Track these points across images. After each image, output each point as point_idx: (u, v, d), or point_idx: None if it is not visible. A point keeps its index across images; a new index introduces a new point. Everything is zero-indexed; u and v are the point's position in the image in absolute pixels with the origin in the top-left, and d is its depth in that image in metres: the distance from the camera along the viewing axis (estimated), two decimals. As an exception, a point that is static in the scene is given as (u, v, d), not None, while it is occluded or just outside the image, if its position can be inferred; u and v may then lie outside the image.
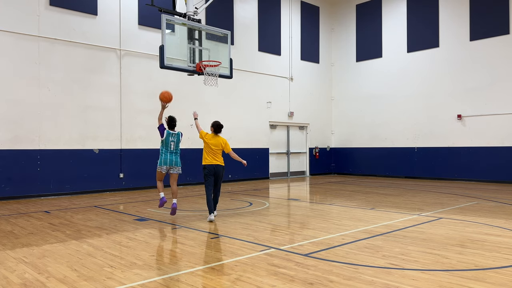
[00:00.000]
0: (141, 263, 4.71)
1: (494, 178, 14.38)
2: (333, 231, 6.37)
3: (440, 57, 15.76)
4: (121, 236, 6.17)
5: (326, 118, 19.26)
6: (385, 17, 17.44)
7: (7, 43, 10.45)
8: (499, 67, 14.32)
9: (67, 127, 11.39)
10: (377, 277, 4.12)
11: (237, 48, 15.27)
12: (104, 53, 12.11)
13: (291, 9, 17.58)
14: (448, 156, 15.50)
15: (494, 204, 9.31)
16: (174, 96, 13.77)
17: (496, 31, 14.37)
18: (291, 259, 4.83)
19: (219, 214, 8.06)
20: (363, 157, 18.22)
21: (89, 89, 11.81)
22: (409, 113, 16.66)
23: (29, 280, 4.14)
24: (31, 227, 6.89)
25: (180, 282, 4.02)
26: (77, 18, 11.60)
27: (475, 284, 3.92)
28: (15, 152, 10.52)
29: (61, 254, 5.14)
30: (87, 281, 4.09)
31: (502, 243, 5.56)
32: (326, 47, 19.24)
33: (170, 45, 9.10)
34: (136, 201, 10.22)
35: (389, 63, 17.34)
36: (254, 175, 16.08)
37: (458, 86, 15.30)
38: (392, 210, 8.53)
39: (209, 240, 5.86)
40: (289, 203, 9.72)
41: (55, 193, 11.13)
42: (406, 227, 6.71)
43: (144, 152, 12.86)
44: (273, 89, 16.84)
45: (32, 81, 10.82)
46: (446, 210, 8.45)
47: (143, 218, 7.66)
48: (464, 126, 15.14)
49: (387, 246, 5.38)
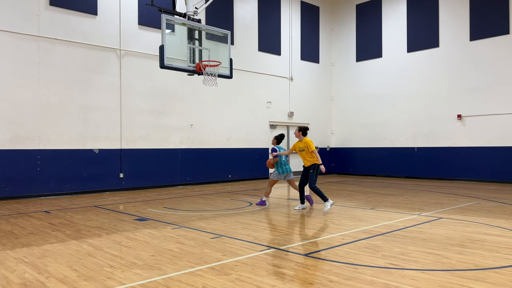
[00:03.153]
0: (141, 263, 4.71)
1: (494, 178, 14.38)
2: (333, 231, 6.37)
3: (440, 57, 15.76)
4: (121, 236, 6.17)
5: (326, 118, 19.26)
6: (385, 17, 17.44)
7: (7, 43, 10.44)
8: (499, 67, 14.32)
9: (67, 127, 11.39)
10: (377, 277, 4.12)
11: (237, 48, 15.27)
12: (104, 53, 12.11)
13: (291, 9, 17.58)
14: (448, 156, 15.50)
15: (494, 204, 9.31)
16: (174, 96, 13.85)
17: (496, 31, 14.37)
18: (291, 259, 4.83)
19: (219, 214, 8.06)
20: (363, 157, 18.22)
21: (89, 89, 11.81)
22: (409, 113, 16.66)
23: (29, 280, 4.14)
24: (31, 227, 6.89)
25: (180, 282, 4.02)
26: (77, 18, 11.60)
27: (475, 284, 3.92)
28: (15, 152, 10.52)
29: (61, 254, 5.14)
30: (87, 281, 4.09)
31: (502, 243, 5.57)
32: (326, 47, 19.25)
33: (170, 45, 9.10)
34: (136, 201, 10.22)
35: (389, 63, 17.34)
36: (254, 175, 16.08)
37: (458, 86, 15.30)
38: (392, 210, 8.54)
39: (209, 240, 5.86)
40: (289, 203, 9.72)
41: (55, 193, 11.13)
42: (406, 227, 6.71)
43: (144, 152, 12.87)
44: (273, 89, 16.84)
45: (32, 81, 10.82)
46: (446, 210, 8.45)
47: (143, 218, 7.66)
48: (464, 126, 15.14)
49: (387, 246, 5.38)
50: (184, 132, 13.94)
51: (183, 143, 13.91)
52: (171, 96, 13.61)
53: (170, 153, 13.49)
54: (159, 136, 13.30)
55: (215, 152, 14.74)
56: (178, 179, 13.70)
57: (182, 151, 13.80)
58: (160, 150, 13.26)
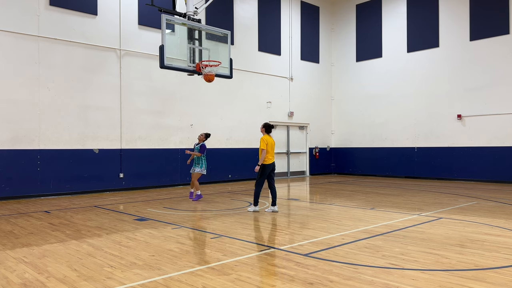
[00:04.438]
0: (141, 263, 4.71)
1: (494, 178, 14.38)
2: (333, 231, 6.37)
3: (440, 57, 15.76)
4: (121, 236, 6.17)
5: (326, 118, 19.26)
6: (385, 17, 17.44)
7: (7, 43, 10.44)
8: (499, 67, 14.32)
9: (67, 127, 11.39)
10: (377, 277, 4.12)
11: (237, 48, 15.27)
12: (104, 53, 12.11)
13: (291, 9, 17.58)
14: (448, 156, 15.50)
15: (494, 204, 9.32)
16: (173, 96, 13.84)
17: (496, 31, 14.37)
18: (291, 259, 4.83)
19: (219, 214, 8.06)
20: (363, 157, 18.22)
21: (89, 89, 11.81)
22: (409, 113, 16.66)
23: (29, 280, 4.14)
24: (31, 227, 6.89)
25: (180, 282, 4.02)
26: (77, 18, 11.60)
27: (475, 284, 3.92)
28: (15, 152, 10.52)
29: (61, 254, 5.14)
30: (87, 281, 4.09)
31: (502, 243, 5.57)
32: (326, 47, 19.25)
33: (170, 45, 9.10)
34: (136, 201, 10.22)
35: (389, 63, 17.34)
36: (254, 175, 16.05)
37: (458, 86, 15.30)
38: (392, 210, 8.54)
39: (209, 240, 5.86)
40: (289, 203, 9.73)
41: (55, 193, 11.13)
42: (406, 227, 6.71)
43: (144, 152, 12.87)
44: (273, 89, 16.84)
45: (32, 81, 10.82)
46: (446, 210, 8.45)
47: (143, 218, 7.66)
48: (464, 126, 15.14)
49: (387, 246, 5.38)
50: (184, 132, 13.94)
51: (183, 143, 13.90)
52: (171, 96, 13.61)
53: (170, 153, 13.49)
54: (159, 136, 13.30)
55: (215, 152, 14.74)
56: (178, 179, 13.70)
57: (182, 151, 13.79)
58: (160, 150, 13.26)
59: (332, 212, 8.23)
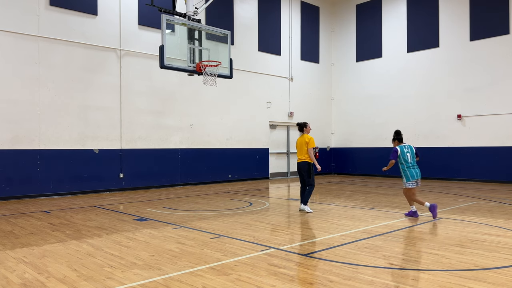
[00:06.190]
0: (141, 263, 4.71)
1: (494, 178, 14.37)
2: (333, 231, 6.37)
3: (440, 57, 15.76)
4: (121, 236, 6.17)
5: (326, 118, 19.26)
6: (385, 17, 17.44)
7: (7, 43, 10.44)
8: (499, 67, 14.32)
9: (67, 127, 11.39)
10: (377, 277, 4.12)
11: (237, 48, 15.27)
12: (104, 53, 12.11)
13: (291, 9, 17.58)
14: (448, 156, 15.49)
15: (493, 204, 9.31)
16: (173, 96, 13.85)
17: (496, 31, 14.37)
18: (291, 259, 4.83)
19: (219, 214, 8.06)
20: (363, 157, 18.21)
21: (89, 89, 11.81)
22: (409, 113, 16.65)
23: (29, 280, 4.14)
24: (31, 227, 6.89)
25: (180, 282, 4.02)
26: (77, 18, 11.60)
27: (475, 284, 3.92)
28: (15, 152, 10.52)
29: (61, 254, 5.14)
30: (87, 281, 4.09)
31: (501, 243, 5.57)
32: (326, 47, 19.24)
33: (170, 45, 9.10)
34: (136, 201, 10.22)
35: (389, 63, 17.33)
36: (254, 175, 16.08)
37: (458, 86, 15.30)
38: (392, 210, 8.54)
39: (209, 240, 5.86)
40: (289, 203, 9.72)
41: (55, 193, 11.13)
42: (406, 227, 6.71)
43: (144, 152, 12.87)
44: (273, 89, 16.84)
45: (32, 81, 10.82)
46: (446, 210, 8.45)
47: (143, 218, 7.66)
48: (464, 126, 15.14)
49: (387, 246, 5.38)
50: (184, 132, 13.94)
51: (183, 143, 13.90)
52: (171, 96, 13.61)
53: (170, 153, 13.49)
54: (159, 136, 13.30)
55: (215, 152, 14.74)
56: (178, 179, 13.70)
57: (182, 151, 13.80)
58: (160, 150, 13.26)
59: (332, 212, 8.23)
